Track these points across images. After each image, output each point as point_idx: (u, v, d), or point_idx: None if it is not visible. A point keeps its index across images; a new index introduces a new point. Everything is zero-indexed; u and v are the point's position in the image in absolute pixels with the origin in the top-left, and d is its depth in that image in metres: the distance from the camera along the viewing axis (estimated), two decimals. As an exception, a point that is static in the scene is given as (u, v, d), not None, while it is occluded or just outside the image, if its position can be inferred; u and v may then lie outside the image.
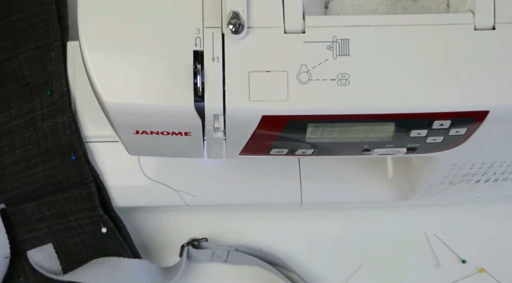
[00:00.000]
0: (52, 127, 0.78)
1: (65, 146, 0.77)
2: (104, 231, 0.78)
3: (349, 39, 0.59)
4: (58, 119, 0.78)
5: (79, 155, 0.77)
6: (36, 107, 0.78)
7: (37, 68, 0.79)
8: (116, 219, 0.79)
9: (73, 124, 0.77)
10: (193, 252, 0.80)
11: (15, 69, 0.80)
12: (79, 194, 0.77)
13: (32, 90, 0.79)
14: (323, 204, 0.82)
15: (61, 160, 0.77)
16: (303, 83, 0.58)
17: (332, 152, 0.66)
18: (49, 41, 0.80)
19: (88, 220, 0.78)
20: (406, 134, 0.62)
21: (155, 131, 0.62)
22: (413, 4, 0.62)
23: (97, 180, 0.78)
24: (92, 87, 0.60)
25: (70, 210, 0.78)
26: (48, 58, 0.79)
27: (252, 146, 0.64)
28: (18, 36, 0.80)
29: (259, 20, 0.58)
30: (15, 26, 0.81)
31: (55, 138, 0.77)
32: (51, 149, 0.77)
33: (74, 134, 0.77)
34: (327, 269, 0.82)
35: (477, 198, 0.81)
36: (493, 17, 0.59)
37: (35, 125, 0.78)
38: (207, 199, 0.80)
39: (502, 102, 0.59)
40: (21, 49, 0.80)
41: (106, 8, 0.59)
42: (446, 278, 0.82)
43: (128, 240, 0.79)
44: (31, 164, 0.77)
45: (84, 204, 0.78)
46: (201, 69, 0.58)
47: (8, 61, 0.80)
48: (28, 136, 0.78)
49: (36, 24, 0.80)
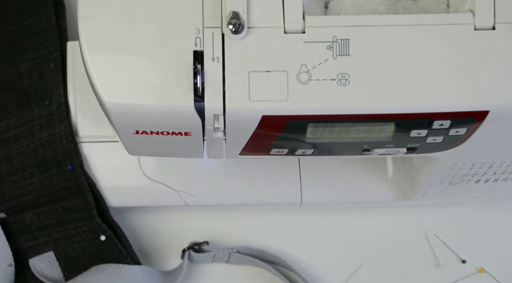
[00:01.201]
0: (49, 136, 0.78)
1: (62, 156, 0.78)
2: (103, 239, 0.78)
3: (349, 39, 0.59)
4: (56, 129, 0.78)
5: (75, 164, 0.78)
6: (35, 117, 0.79)
7: (36, 78, 0.80)
8: (115, 227, 0.79)
9: (70, 134, 0.78)
10: (194, 256, 0.81)
11: (14, 78, 0.80)
12: (76, 203, 0.78)
13: (31, 100, 0.79)
14: (323, 204, 0.82)
15: (57, 169, 0.78)
16: (303, 83, 0.58)
17: (332, 152, 0.66)
18: (48, 51, 0.80)
19: (86, 228, 0.78)
20: (406, 134, 0.62)
21: (155, 131, 0.62)
22: (413, 4, 0.62)
23: (93, 189, 0.78)
24: (92, 87, 0.60)
25: (68, 218, 0.78)
26: (47, 68, 0.80)
27: (252, 146, 0.64)
28: (17, 46, 0.81)
29: (259, 20, 0.58)
30: (14, 36, 0.81)
31: (52, 148, 0.78)
32: (48, 159, 0.78)
33: (70, 144, 0.78)
34: (327, 269, 0.82)
35: (477, 198, 0.81)
36: (493, 17, 0.59)
37: (33, 134, 0.79)
38: (207, 199, 0.80)
39: (502, 102, 0.59)
40: (20, 59, 0.80)
41: (106, 8, 0.59)
42: (446, 278, 0.82)
43: (127, 247, 0.80)
44: (28, 173, 0.78)
45: (82, 213, 0.78)
46: (201, 69, 0.58)
47: (7, 71, 0.80)
48: (26, 145, 0.79)
49: (35, 34, 0.81)
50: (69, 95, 0.79)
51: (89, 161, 0.79)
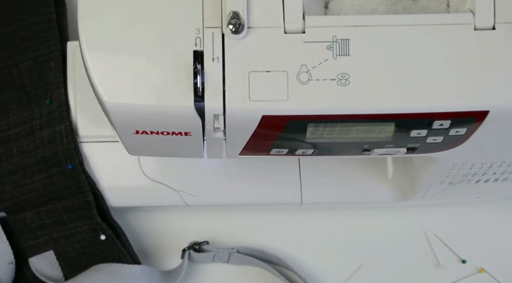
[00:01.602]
0: (50, 136, 0.78)
1: (62, 155, 0.78)
2: (103, 239, 0.78)
3: (349, 39, 0.59)
4: (56, 128, 0.78)
5: (76, 164, 0.78)
6: (35, 116, 0.79)
7: (37, 77, 0.80)
8: (115, 226, 0.79)
9: (71, 133, 0.78)
10: (194, 255, 0.80)
11: (14, 77, 0.80)
12: (76, 203, 0.78)
13: (31, 99, 0.79)
14: (323, 204, 0.82)
15: (58, 169, 0.78)
16: (303, 83, 0.58)
17: (332, 152, 0.66)
18: (49, 50, 0.80)
19: (86, 228, 0.78)
20: (406, 134, 0.62)
21: (155, 131, 0.62)
22: (413, 4, 0.62)
23: (94, 188, 0.79)
24: (92, 87, 0.60)
25: (68, 218, 0.78)
26: (47, 67, 0.80)
27: (252, 146, 0.64)
28: (18, 45, 0.81)
29: (259, 20, 0.58)
30: (15, 35, 0.81)
31: (52, 147, 0.78)
32: (48, 158, 0.78)
33: (71, 143, 0.78)
34: (327, 269, 0.82)
35: (477, 198, 0.81)
36: (493, 17, 0.59)
37: (33, 133, 0.79)
38: (207, 199, 0.80)
39: (502, 102, 0.59)
40: (21, 58, 0.80)
41: (106, 8, 0.59)
42: (446, 278, 0.82)
43: (127, 246, 0.80)
44: (29, 172, 0.78)
45: (82, 212, 0.78)
46: (201, 69, 0.58)
47: (7, 70, 0.80)
48: (26, 144, 0.79)
49: (36, 33, 0.81)
50: (69, 95, 0.79)
51: (89, 161, 0.79)
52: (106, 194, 0.79)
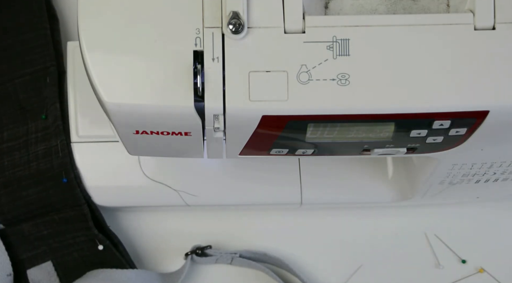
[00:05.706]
0: (45, 150, 0.79)
1: (57, 169, 0.78)
2: (101, 249, 0.79)
3: (349, 39, 0.59)
4: (52, 142, 0.78)
5: (71, 177, 0.78)
6: (30, 131, 0.79)
7: (33, 92, 0.80)
8: (112, 236, 0.80)
9: (66, 147, 0.78)
10: (196, 259, 0.81)
11: (10, 93, 0.80)
12: (73, 215, 0.79)
13: (27, 114, 0.80)
14: (323, 204, 0.82)
15: (53, 182, 0.78)
16: (303, 83, 0.58)
17: (332, 152, 0.66)
18: (45, 66, 0.80)
19: (84, 238, 0.79)
20: (406, 134, 0.62)
21: (155, 131, 0.62)
22: (413, 4, 0.62)
23: (89, 201, 0.79)
24: (92, 87, 0.60)
25: (66, 229, 0.79)
26: (43, 83, 0.80)
27: (252, 146, 0.64)
28: (13, 60, 0.81)
29: (259, 20, 0.58)
30: (10, 50, 0.81)
31: (47, 161, 0.78)
32: (43, 171, 0.78)
33: (66, 157, 0.78)
34: (327, 269, 0.82)
35: (477, 198, 0.81)
36: (493, 17, 0.59)
37: (27, 147, 0.79)
38: (207, 199, 0.80)
39: (502, 102, 0.59)
40: (16, 73, 0.81)
41: (106, 8, 0.59)
42: (446, 278, 0.82)
43: (125, 255, 0.80)
44: (24, 185, 0.78)
45: (79, 224, 0.79)
46: (201, 69, 0.58)
47: (2, 85, 0.81)
48: (18, 158, 0.79)
49: (31, 49, 0.81)
50: (69, 95, 0.79)
51: (89, 161, 0.79)
52: (106, 194, 0.79)
